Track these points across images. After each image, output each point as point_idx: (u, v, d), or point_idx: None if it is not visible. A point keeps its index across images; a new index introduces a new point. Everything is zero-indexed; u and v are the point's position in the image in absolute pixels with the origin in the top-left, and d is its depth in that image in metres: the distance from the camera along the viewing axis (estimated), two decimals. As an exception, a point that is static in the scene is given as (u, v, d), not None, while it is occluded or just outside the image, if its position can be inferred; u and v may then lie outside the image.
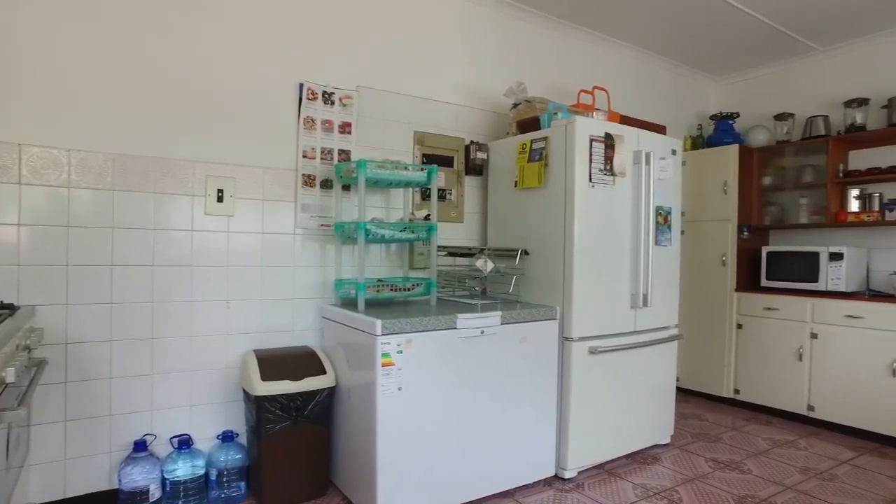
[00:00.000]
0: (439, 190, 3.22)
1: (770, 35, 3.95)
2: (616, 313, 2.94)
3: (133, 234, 2.36)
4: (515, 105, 3.22)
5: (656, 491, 2.70)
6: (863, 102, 3.90)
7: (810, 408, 3.75)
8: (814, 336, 3.73)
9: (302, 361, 2.51)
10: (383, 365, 2.21)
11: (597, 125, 2.82)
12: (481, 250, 2.83)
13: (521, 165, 3.00)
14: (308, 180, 2.79)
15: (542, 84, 3.70)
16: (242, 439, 2.59)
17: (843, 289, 3.70)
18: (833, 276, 3.74)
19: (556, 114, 2.94)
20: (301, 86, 2.75)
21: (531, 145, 2.95)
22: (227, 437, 2.51)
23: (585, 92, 3.39)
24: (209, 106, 2.53)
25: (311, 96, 2.77)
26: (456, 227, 3.30)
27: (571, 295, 2.75)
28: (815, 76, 4.33)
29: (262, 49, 2.66)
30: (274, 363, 2.44)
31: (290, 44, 2.73)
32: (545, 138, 2.88)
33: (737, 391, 4.16)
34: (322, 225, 2.83)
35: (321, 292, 2.83)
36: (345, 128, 2.88)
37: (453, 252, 3.05)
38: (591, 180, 2.77)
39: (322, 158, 2.82)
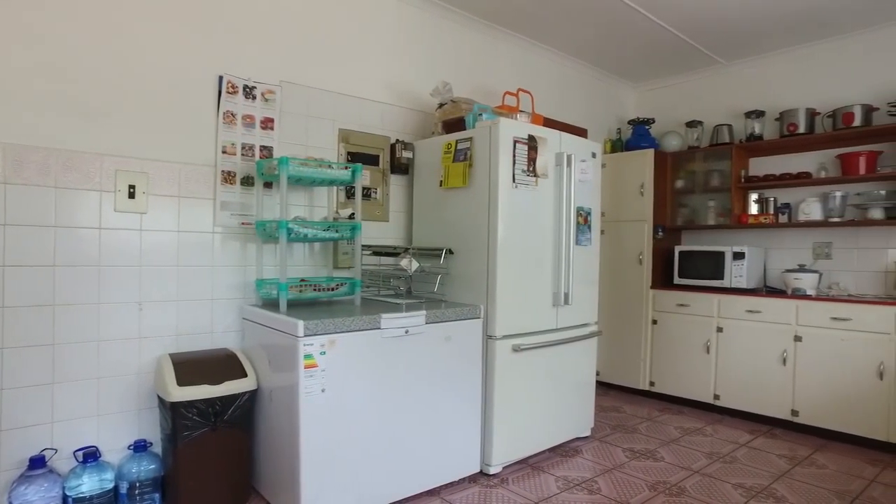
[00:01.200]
0: (364, 188, 3.19)
1: (682, 47, 4.19)
2: (538, 311, 3.02)
3: (29, 232, 2.19)
4: (441, 105, 3.24)
5: (577, 482, 2.80)
6: (760, 114, 4.21)
7: (716, 397, 4.01)
8: (720, 330, 3.99)
9: (221, 364, 2.42)
10: (306, 367, 2.17)
11: (520, 127, 2.89)
12: (406, 249, 2.83)
13: (447, 165, 3.02)
14: (228, 177, 2.69)
15: (467, 84, 3.75)
16: (158, 448, 2.46)
17: (744, 285, 3.98)
18: (736, 273, 4.02)
19: (481, 115, 2.98)
20: (221, 78, 2.65)
21: (456, 145, 2.98)
22: (140, 447, 2.38)
23: (510, 94, 3.46)
24: (119, 96, 2.38)
25: (231, 90, 2.68)
26: (381, 226, 3.28)
27: (495, 294, 2.80)
28: (720, 88, 4.63)
29: (180, 38, 2.54)
30: (191, 367, 2.34)
31: (210, 34, 2.62)
32: (470, 139, 2.91)
33: (652, 383, 4.38)
34: (242, 223, 2.74)
35: (242, 293, 2.74)
36: (267, 123, 2.80)
37: (378, 251, 3.03)
38: (514, 181, 2.83)
39: (243, 155, 2.73)
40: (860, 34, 3.89)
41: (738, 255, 4.02)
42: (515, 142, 2.84)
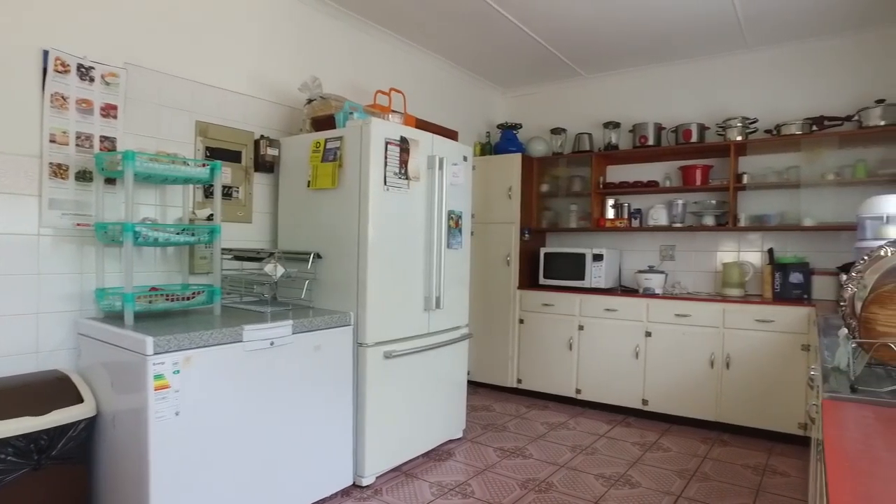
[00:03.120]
0: (225, 187, 2.95)
1: (548, 57, 4.38)
2: (410, 316, 2.98)
3: None
4: (310, 101, 3.08)
5: (451, 487, 2.81)
6: (616, 125, 4.54)
7: (578, 391, 4.25)
8: (581, 328, 4.23)
9: (49, 389, 2.09)
10: (157, 388, 1.93)
11: (393, 128, 2.83)
12: (271, 254, 2.65)
13: (315, 165, 2.88)
14: (58, 170, 2.33)
15: (339, 81, 3.61)
16: (-39, 492, 2.07)
17: (603, 286, 4.26)
18: (595, 274, 4.29)
19: (352, 113, 2.88)
20: (46, 54, 2.28)
21: (325, 144, 2.85)
22: (-62, 493, 1.98)
23: (382, 93, 3.39)
24: None
25: (61, 68, 2.32)
26: (244, 228, 3.05)
27: (366, 300, 2.71)
28: (582, 98, 4.92)
29: (-10, 6, 2.15)
30: (6, 397, 1.99)
31: None
32: (340, 138, 2.80)
33: (519, 381, 4.54)
34: (78, 224, 2.39)
35: (78, 304, 2.39)
36: (109, 110, 2.47)
37: (240, 256, 2.81)
38: (385, 183, 2.77)
39: (78, 145, 2.38)
40: (699, 61, 4.32)
41: (598, 257, 4.29)
42: (387, 143, 2.77)
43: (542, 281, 4.58)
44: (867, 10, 3.49)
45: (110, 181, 2.47)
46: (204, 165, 2.47)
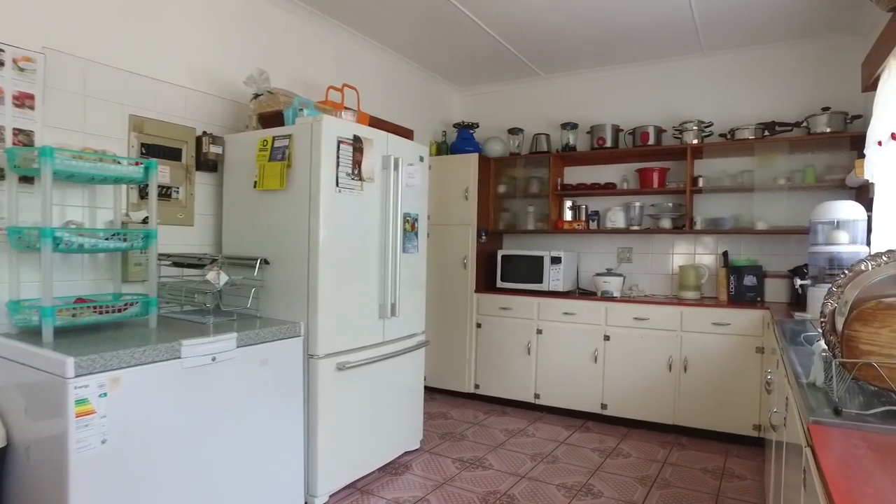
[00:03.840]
0: (164, 187, 2.72)
1: (505, 55, 4.28)
2: (364, 325, 2.83)
3: None
4: (257, 96, 2.88)
5: (409, 503, 2.67)
6: (574, 126, 4.49)
7: (536, 396, 4.19)
8: (539, 332, 4.16)
9: (-49, 416, 1.84)
10: (78, 414, 1.72)
11: (346, 126, 2.66)
12: (213, 260, 2.44)
13: (262, 164, 2.69)
14: (-36, 168, 2.07)
15: (288, 76, 3.41)
16: None
17: (561, 289, 4.21)
18: (553, 277, 4.23)
19: (301, 109, 2.70)
20: (-50, 39, 2.02)
21: (273, 143, 2.66)
22: None
23: (335, 89, 3.22)
24: None
25: (-33, 56, 2.06)
26: (184, 232, 2.83)
27: (317, 308, 2.54)
28: (540, 98, 4.85)
29: None
30: None
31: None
32: (289, 136, 2.62)
33: (477, 386, 4.44)
34: (-12, 228, 2.13)
35: (-12, 317, 2.13)
36: (23, 100, 2.22)
37: (180, 262, 2.59)
38: (338, 185, 2.60)
39: (-12, 140, 2.12)
40: (657, 64, 4.32)
41: (556, 260, 4.23)
42: (340, 142, 2.61)
43: (499, 284, 4.49)
44: (814, 20, 3.55)
45: (27, 180, 2.21)
46: (137, 164, 2.25)
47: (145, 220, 2.50)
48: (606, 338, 3.91)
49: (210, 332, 2.20)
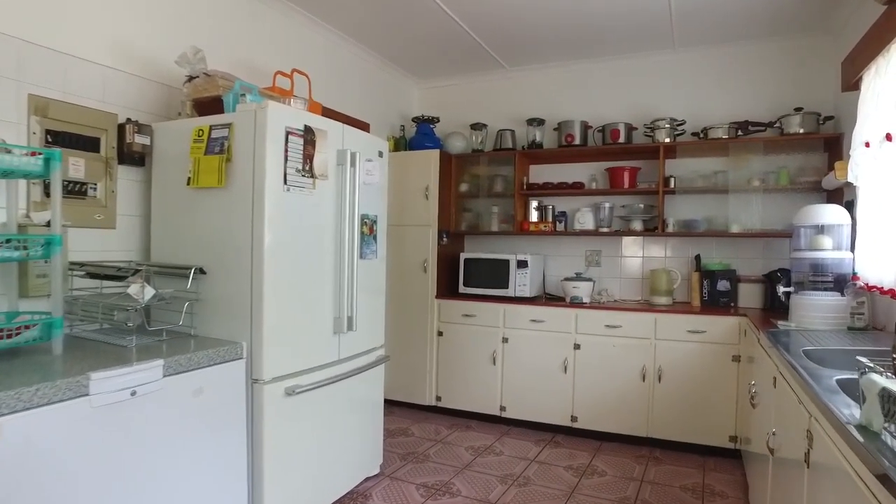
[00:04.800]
0: (78, 184, 2.30)
1: (468, 45, 4.00)
2: (317, 342, 2.49)
3: None
4: (191, 78, 2.50)
5: (366, 544, 2.36)
6: (540, 122, 4.26)
7: (502, 408, 3.93)
8: (505, 340, 3.91)
9: None
10: (-55, 472, 1.33)
11: (295, 115, 2.32)
12: (136, 271, 2.06)
13: (197, 157, 2.31)
14: None
15: (231, 59, 3.02)
16: None
17: (527, 294, 3.97)
18: (520, 282, 3.98)
19: (244, 95, 2.34)
20: None
21: (210, 132, 2.29)
22: None
23: (283, 74, 2.87)
24: None
25: None
26: (105, 236, 2.42)
27: (262, 325, 2.20)
28: (505, 92, 4.59)
29: None
30: None
31: None
32: (228, 125, 2.25)
33: (439, 398, 4.16)
34: None
35: None
36: None
37: (95, 272, 2.18)
38: (286, 182, 2.26)
39: None
40: (627, 59, 4.13)
41: (522, 264, 3.99)
42: (288, 133, 2.26)
43: (462, 289, 4.21)
44: (785, 19, 3.44)
45: None
46: (34, 154, 1.84)
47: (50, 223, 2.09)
48: (577, 346, 3.70)
49: (132, 357, 1.83)
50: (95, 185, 2.37)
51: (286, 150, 2.25)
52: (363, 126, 3.36)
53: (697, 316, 3.43)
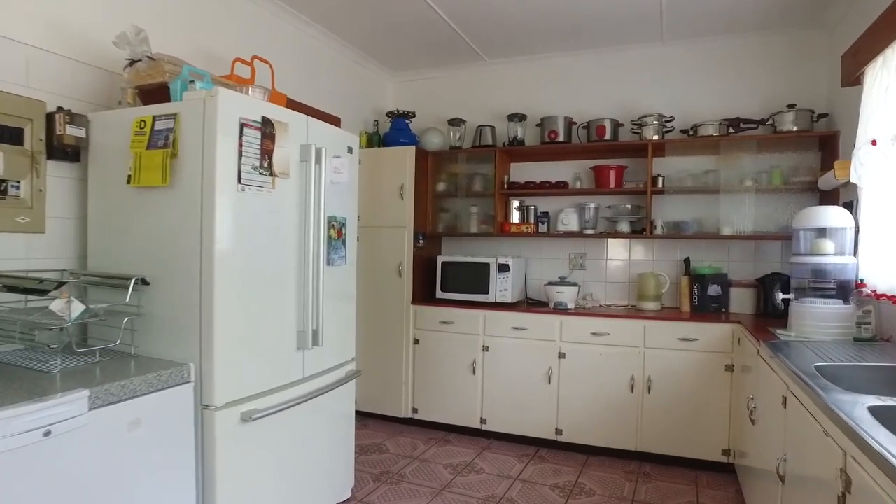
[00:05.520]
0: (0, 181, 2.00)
1: (446, 35, 3.75)
2: (279, 360, 2.23)
3: None
4: (133, 62, 2.20)
5: (333, 587, 2.10)
6: (522, 118, 4.03)
7: (483, 421, 3.70)
8: (485, 349, 3.68)
9: None
10: None
11: (251, 105, 2.05)
12: (61, 283, 1.76)
13: (138, 152, 2.02)
14: None
15: (189, 45, 2.71)
16: None
17: (509, 300, 3.74)
18: (501, 287, 3.75)
19: (193, 81, 2.06)
20: None
21: (153, 124, 2.00)
22: None
23: (243, 62, 2.60)
24: None
25: None
26: (31, 241, 2.11)
27: (213, 342, 1.92)
28: (484, 86, 4.36)
29: None
30: None
31: None
32: (174, 115, 1.97)
33: (415, 410, 3.91)
34: None
35: None
36: None
37: (13, 285, 1.88)
38: (240, 181, 1.99)
39: None
40: (614, 52, 3.93)
41: (503, 268, 3.76)
42: (244, 125, 1.99)
43: (439, 294, 3.97)
44: (777, 12, 3.29)
45: None
46: (-70, 147, 1.54)
47: (-39, 227, 1.79)
48: (561, 355, 3.48)
49: (53, 387, 1.54)
50: (18, 182, 2.06)
51: (241, 145, 1.98)
52: (334, 121, 3.10)
53: (688, 323, 3.25)
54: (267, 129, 2.09)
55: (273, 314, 2.18)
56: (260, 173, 2.07)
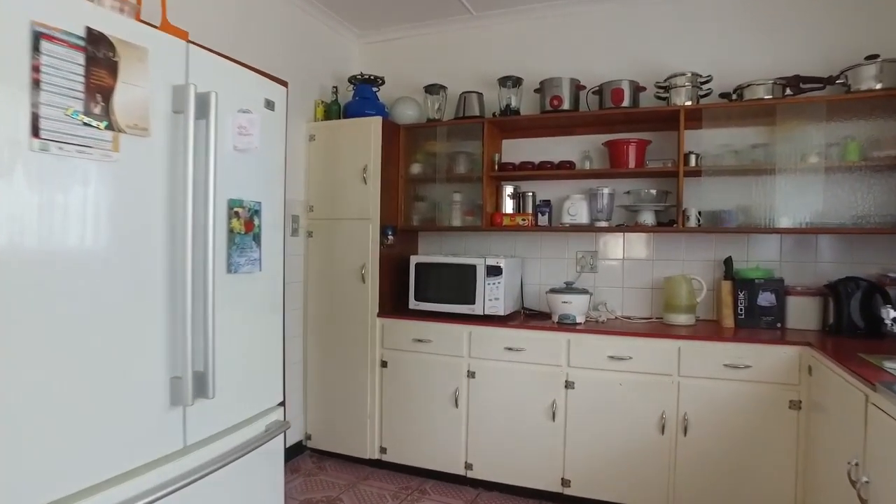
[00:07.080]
0: None
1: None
2: (132, 428, 1.40)
3: None
4: None
5: None
6: (517, 82, 3.22)
7: (468, 466, 2.91)
8: (471, 375, 2.89)
9: None
10: None
11: (60, 6, 1.22)
12: None
13: None
14: None
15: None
16: None
17: (501, 311, 2.94)
18: (491, 295, 2.95)
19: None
20: None
21: None
22: None
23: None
24: None
25: None
26: None
27: (-17, 419, 1.10)
28: (470, 45, 3.54)
29: None
30: None
31: None
32: None
33: (384, 450, 3.11)
34: None
35: None
36: None
37: None
38: (38, 134, 1.16)
39: None
40: (629, -5, 3.12)
41: (494, 270, 2.95)
42: (42, 36, 1.16)
43: (413, 305, 3.15)
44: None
45: None
46: None
47: None
48: (569, 385, 2.69)
49: None
50: None
51: (36, 70, 1.15)
52: (280, 83, 2.29)
53: (739, 344, 2.46)
54: (99, 50, 1.26)
55: (117, 353, 1.36)
56: (85, 124, 1.24)
